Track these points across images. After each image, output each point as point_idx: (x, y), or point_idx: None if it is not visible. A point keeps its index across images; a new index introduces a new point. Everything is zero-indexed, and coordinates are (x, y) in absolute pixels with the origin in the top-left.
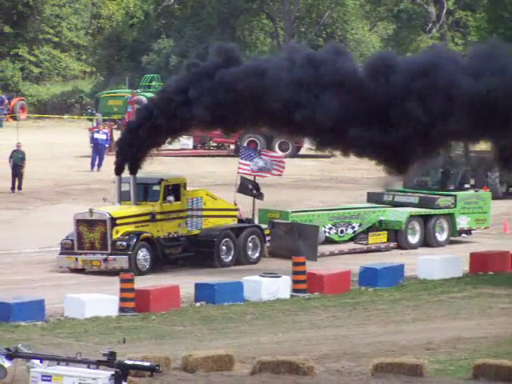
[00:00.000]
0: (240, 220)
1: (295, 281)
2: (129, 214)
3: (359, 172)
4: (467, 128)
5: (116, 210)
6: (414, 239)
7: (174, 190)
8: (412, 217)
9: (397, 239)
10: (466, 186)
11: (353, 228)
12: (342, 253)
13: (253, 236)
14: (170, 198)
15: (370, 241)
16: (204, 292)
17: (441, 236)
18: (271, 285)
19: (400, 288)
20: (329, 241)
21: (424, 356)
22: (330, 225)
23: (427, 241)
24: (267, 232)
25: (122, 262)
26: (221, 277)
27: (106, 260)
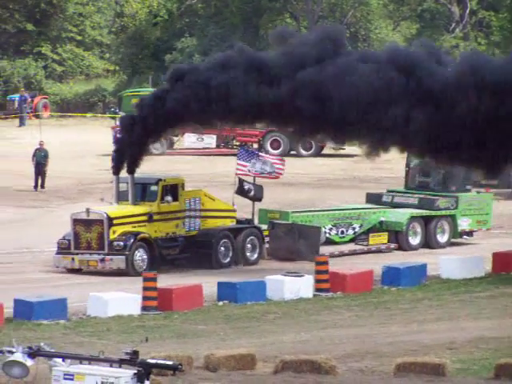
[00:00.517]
0: (239, 221)
1: (318, 280)
2: (126, 214)
3: (383, 171)
4: None
5: (113, 210)
6: (415, 240)
7: (172, 191)
8: (413, 218)
9: (397, 240)
10: (468, 187)
11: (353, 229)
12: (343, 254)
13: (251, 237)
14: (168, 199)
15: (371, 242)
16: (227, 291)
17: (442, 237)
18: (294, 284)
19: (422, 287)
20: (329, 242)
21: (446, 355)
22: (331, 225)
23: (428, 242)
24: (266, 233)
25: (119, 263)
26: (243, 276)
27: (103, 260)
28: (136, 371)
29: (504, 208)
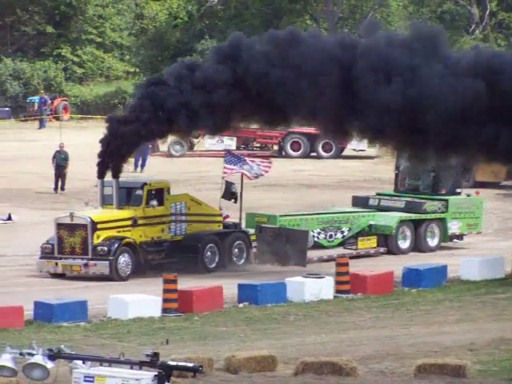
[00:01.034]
0: (226, 225)
1: (338, 281)
2: (110, 219)
3: None
4: None
5: (97, 215)
6: (405, 244)
7: (158, 195)
8: (402, 221)
9: (387, 244)
10: (458, 191)
11: (342, 233)
12: (331, 258)
13: (238, 241)
14: (153, 203)
15: (359, 246)
16: (247, 293)
17: (432, 241)
18: (314, 285)
19: (443, 289)
20: (317, 246)
21: (467, 357)
22: (319, 229)
23: (418, 246)
24: (253, 238)
25: (103, 268)
26: (263, 278)
27: (87, 265)
28: (156, 373)
29: None
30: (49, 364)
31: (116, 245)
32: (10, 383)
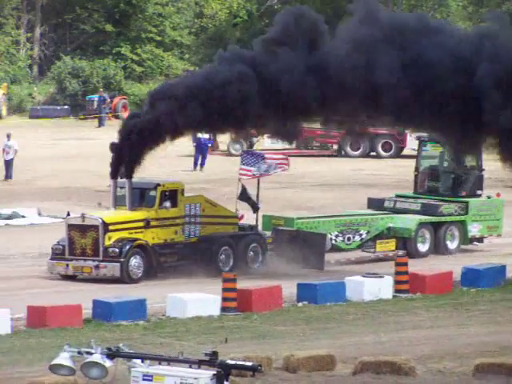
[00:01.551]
0: (242, 227)
1: (397, 281)
2: (122, 220)
3: None
4: None
5: (109, 216)
6: (424, 247)
7: (171, 196)
8: (422, 224)
9: (406, 247)
10: (479, 193)
11: (360, 235)
12: (349, 262)
13: (254, 244)
14: (167, 204)
15: (378, 248)
16: (306, 292)
17: (451, 244)
18: (373, 285)
19: (501, 289)
20: (335, 249)
21: None
22: (337, 232)
23: (437, 249)
24: (269, 240)
25: (114, 270)
26: (323, 277)
27: (98, 267)
28: (215, 372)
29: None
30: (107, 363)
31: (127, 246)
32: (68, 382)
